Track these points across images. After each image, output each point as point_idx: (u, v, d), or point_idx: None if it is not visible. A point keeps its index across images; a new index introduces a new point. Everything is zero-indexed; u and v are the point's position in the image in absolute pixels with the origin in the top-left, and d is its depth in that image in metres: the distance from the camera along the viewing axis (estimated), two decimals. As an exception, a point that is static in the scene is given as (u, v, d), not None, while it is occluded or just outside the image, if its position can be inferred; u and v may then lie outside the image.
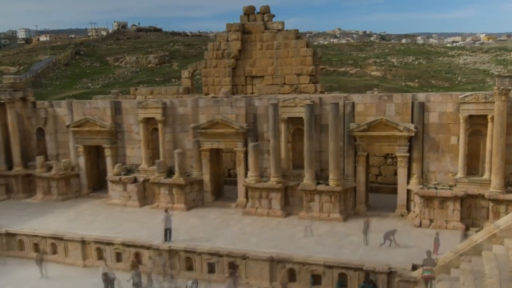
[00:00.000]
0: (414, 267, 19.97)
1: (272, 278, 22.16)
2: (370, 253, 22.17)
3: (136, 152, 33.27)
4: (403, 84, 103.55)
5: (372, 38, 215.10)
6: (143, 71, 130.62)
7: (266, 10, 36.11)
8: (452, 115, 25.94)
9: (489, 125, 24.84)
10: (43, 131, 35.93)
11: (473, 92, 25.46)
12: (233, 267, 22.54)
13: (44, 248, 26.56)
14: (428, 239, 23.54)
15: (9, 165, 35.84)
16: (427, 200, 25.45)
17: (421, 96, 26.95)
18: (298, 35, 35.15)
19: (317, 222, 26.85)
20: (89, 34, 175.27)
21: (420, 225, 25.51)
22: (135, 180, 32.05)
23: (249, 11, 36.33)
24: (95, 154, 35.65)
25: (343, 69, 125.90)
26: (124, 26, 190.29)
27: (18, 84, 35.84)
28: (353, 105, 27.59)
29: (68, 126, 34.14)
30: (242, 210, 29.85)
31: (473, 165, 26.09)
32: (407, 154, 26.72)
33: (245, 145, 29.97)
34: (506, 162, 24.51)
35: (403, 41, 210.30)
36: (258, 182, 28.69)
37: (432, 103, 26.35)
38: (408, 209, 27.34)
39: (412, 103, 26.54)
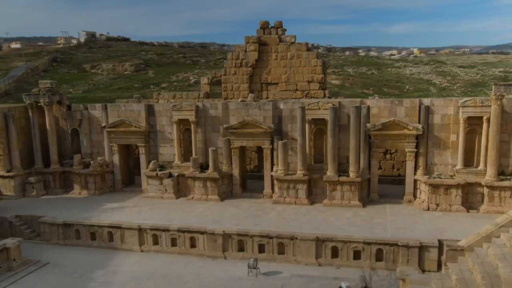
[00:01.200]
0: (439, 241, 22.99)
1: (318, 255, 24.73)
2: (398, 232, 24.98)
3: (168, 150, 35.01)
4: (360, 91, 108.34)
5: (319, 50, 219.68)
6: (121, 78, 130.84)
7: (279, 25, 38.69)
8: (452, 117, 29.32)
9: (484, 125, 28.40)
10: (77, 131, 37.08)
11: (471, 98, 28.95)
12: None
13: (102, 236, 27.96)
14: (438, 220, 27.08)
15: (45, 163, 36.70)
16: (434, 187, 28.74)
17: (426, 101, 30.24)
18: (309, 48, 37.87)
19: (340, 208, 29.72)
20: (58, 42, 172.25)
21: (428, 209, 28.77)
22: (170, 175, 33.73)
23: (264, 26, 38.81)
24: (125, 153, 37.05)
25: None
26: (93, 35, 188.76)
27: (55, 89, 36.73)
28: (368, 108, 30.52)
29: (104, 127, 35.39)
30: (269, 200, 32.28)
31: (468, 158, 29.51)
32: (415, 150, 29.94)
33: (271, 143, 32.35)
34: (499, 156, 28.03)
35: (347, 53, 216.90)
36: (286, 175, 31.04)
37: (436, 106, 29.68)
38: (414, 196, 30.50)
39: (419, 107, 29.79)
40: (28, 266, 25.03)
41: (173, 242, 27.22)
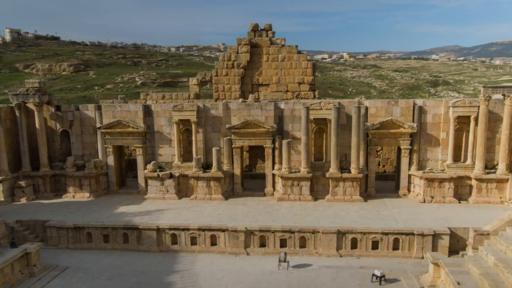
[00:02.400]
0: (450, 229, 25.14)
1: (338, 247, 25.95)
2: (408, 222, 26.82)
3: (166, 151, 34.73)
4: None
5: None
6: (60, 79, 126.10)
7: (269, 28, 39.56)
8: (442, 116, 31.81)
9: (471, 123, 31.12)
10: (67, 133, 35.62)
11: (461, 99, 31.61)
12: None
13: (116, 238, 27.38)
14: (437, 210, 29.32)
15: (33, 166, 34.97)
16: (429, 181, 31.06)
17: (419, 102, 32.54)
18: (299, 51, 39.10)
19: (343, 203, 31.20)
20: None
21: (424, 201, 31.04)
22: (171, 176, 33.49)
23: (255, 28, 39.46)
24: (118, 154, 36.17)
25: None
26: (18, 33, 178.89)
27: (43, 88, 35.13)
28: (366, 108, 32.26)
29: (99, 128, 34.40)
30: (271, 197, 33.10)
31: (456, 154, 32.16)
32: (409, 147, 32.08)
33: (273, 142, 33.20)
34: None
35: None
36: (291, 173, 32.05)
37: (428, 106, 32.05)
38: (408, 190, 32.67)
39: (413, 107, 31.96)
40: (49, 271, 23.98)
41: (193, 241, 27.27)
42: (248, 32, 39.48)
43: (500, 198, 30.66)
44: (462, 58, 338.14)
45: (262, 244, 26.71)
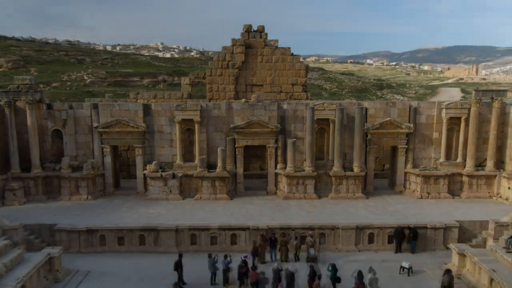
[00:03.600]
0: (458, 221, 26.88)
1: (356, 242, 26.77)
2: (416, 217, 28.25)
3: (166, 151, 34.04)
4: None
5: (192, 54, 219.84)
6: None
7: (262, 29, 39.86)
8: (435, 117, 33.71)
9: (462, 124, 33.20)
10: (58, 132, 33.85)
11: (453, 101, 33.68)
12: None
13: (131, 240, 26.53)
14: (437, 205, 31.12)
15: (22, 167, 32.89)
16: (426, 178, 32.81)
17: (414, 103, 34.25)
18: (291, 53, 39.76)
19: (347, 200, 32.25)
20: None
21: (421, 197, 32.73)
22: (173, 176, 32.85)
23: (249, 29, 39.59)
24: (114, 155, 34.94)
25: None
26: None
27: (34, 85, 33.19)
28: (366, 109, 33.48)
29: (96, 127, 33.03)
30: (275, 196, 33.46)
31: (447, 153, 34.19)
32: (406, 146, 33.69)
33: (276, 142, 33.56)
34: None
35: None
36: (296, 172, 32.58)
37: (422, 108, 33.85)
38: (404, 187, 34.30)
39: (409, 108, 33.61)
40: (72, 276, 22.70)
41: (212, 241, 26.98)
42: (242, 33, 39.55)
43: (489, 193, 33.01)
44: (394, 63, 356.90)
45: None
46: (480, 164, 33.88)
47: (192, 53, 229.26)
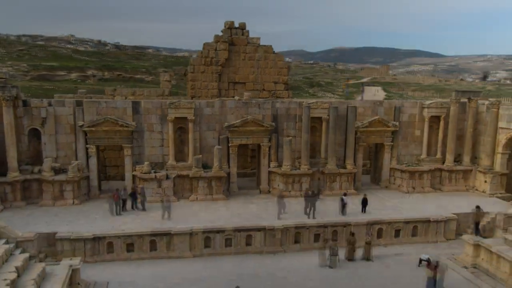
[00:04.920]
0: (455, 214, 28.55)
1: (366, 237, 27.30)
2: (415, 211, 29.56)
3: (157, 151, 32.40)
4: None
5: (107, 47, 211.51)
6: None
7: (243, 26, 39.11)
8: (416, 116, 35.45)
9: (441, 122, 35.25)
10: (36, 132, 30.77)
11: (434, 100, 35.61)
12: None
13: (142, 246, 24.87)
14: (423, 199, 32.69)
15: (-4, 170, 29.46)
16: (412, 174, 34.38)
17: (398, 103, 35.70)
18: (273, 51, 39.50)
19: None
20: None
21: (408, 192, 34.24)
22: (167, 177, 31.32)
23: (231, 26, 38.62)
24: (98, 156, 32.45)
25: (138, 76, 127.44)
26: None
27: (9, 80, 29.72)
28: (355, 108, 34.28)
29: (81, 126, 30.47)
30: (269, 194, 33.14)
31: (428, 149, 36.14)
32: (392, 143, 35.07)
33: (270, 140, 33.26)
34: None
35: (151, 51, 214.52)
36: (292, 170, 32.55)
37: (405, 107, 35.42)
38: (389, 182, 35.70)
39: (394, 107, 34.99)
40: (94, 289, 20.84)
41: (226, 243, 26.03)
42: (224, 30, 38.54)
43: (465, 186, 35.38)
44: (311, 62, 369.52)
45: (296, 241, 26.77)
46: (454, 159, 36.25)
47: (108, 47, 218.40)
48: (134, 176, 31.69)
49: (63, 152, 31.23)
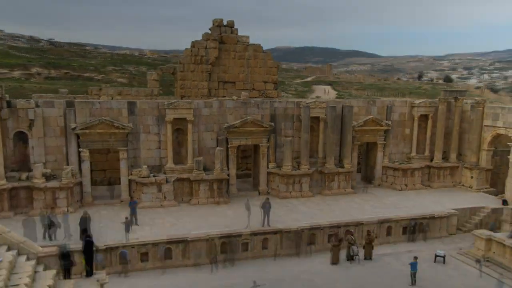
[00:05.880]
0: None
1: (376, 235, 27.54)
2: (415, 208, 30.20)
3: (153, 153, 30.92)
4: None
5: (41, 44, 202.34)
6: None
7: (232, 24, 38.12)
8: (406, 115, 36.31)
9: (429, 121, 36.33)
10: (22, 135, 28.29)
11: (423, 100, 36.62)
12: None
13: (156, 255, 23.53)
14: (418, 196, 33.65)
15: (-22, 179, 26.74)
16: (404, 171, 35.16)
17: (389, 102, 36.35)
18: (263, 49, 38.81)
19: (341, 196, 32.97)
20: None
21: (401, 189, 34.98)
22: (166, 180, 29.95)
23: (220, 24, 37.48)
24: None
25: (87, 74, 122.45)
26: None
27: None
28: (352, 108, 34.50)
29: (74, 129, 28.38)
30: (269, 196, 32.48)
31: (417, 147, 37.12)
32: (384, 142, 35.68)
33: (268, 141, 32.73)
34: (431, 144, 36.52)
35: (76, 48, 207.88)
36: (293, 170, 32.22)
37: (396, 106, 36.16)
38: (382, 180, 36.32)
39: (387, 107, 35.62)
40: (120, 305, 19.32)
41: (243, 247, 25.19)
42: (213, 28, 37.37)
43: (452, 182, 36.72)
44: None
45: (310, 242, 26.44)
46: (443, 157, 37.51)
47: (41, 43, 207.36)
48: (130, 181, 30.05)
49: (53, 156, 28.96)
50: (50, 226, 23.50)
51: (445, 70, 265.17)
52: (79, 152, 29.06)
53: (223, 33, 37.29)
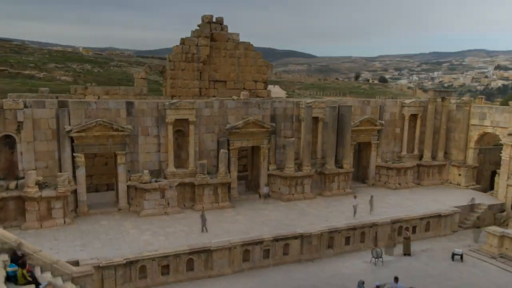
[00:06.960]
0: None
1: (390, 236, 27.49)
2: (418, 207, 30.51)
3: (153, 157, 28.93)
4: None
5: None
6: None
7: (221, 21, 36.52)
8: (397, 114, 36.78)
9: (418, 120, 37.04)
10: (9, 139, 25.33)
11: (413, 100, 37.21)
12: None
13: (178, 267, 21.86)
14: (413, 194, 34.19)
15: (-39, 189, 23.56)
16: (398, 170, 35.54)
17: (381, 102, 36.59)
18: (253, 48, 37.50)
19: (342, 196, 32.63)
20: None
21: (396, 188, 35.32)
22: (169, 186, 28.12)
23: (210, 20, 35.71)
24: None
25: (27, 72, 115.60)
26: None
27: (-24, 76, 23.84)
28: (351, 108, 34.27)
29: (68, 132, 25.82)
30: (271, 199, 31.57)
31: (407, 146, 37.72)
32: (378, 142, 35.90)
33: (269, 142, 31.76)
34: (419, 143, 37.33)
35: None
36: (296, 172, 31.47)
37: (387, 106, 36.48)
38: (375, 179, 36.52)
39: (380, 106, 35.85)
40: (158, 325, 17.52)
41: (264, 254, 24.00)
42: (202, 24, 35.57)
43: (440, 180, 37.71)
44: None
45: (329, 246, 25.79)
46: (432, 156, 38.38)
47: None
48: (129, 187, 27.88)
49: (43, 162, 26.17)
50: None
51: (377, 71, 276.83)
52: (73, 157, 26.52)
53: (213, 30, 35.70)
